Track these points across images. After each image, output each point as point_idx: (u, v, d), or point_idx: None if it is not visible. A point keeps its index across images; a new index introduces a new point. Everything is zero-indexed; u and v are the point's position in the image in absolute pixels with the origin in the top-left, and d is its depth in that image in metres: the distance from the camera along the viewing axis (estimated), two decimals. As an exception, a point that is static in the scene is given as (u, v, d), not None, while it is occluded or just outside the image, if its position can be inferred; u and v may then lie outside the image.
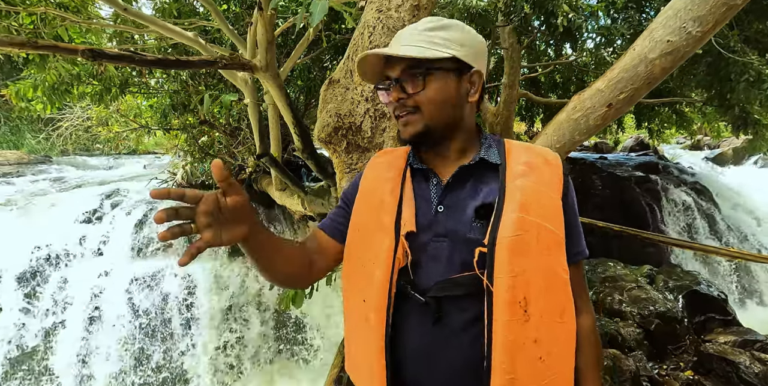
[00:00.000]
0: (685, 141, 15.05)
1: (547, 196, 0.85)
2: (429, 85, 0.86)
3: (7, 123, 11.25)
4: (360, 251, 0.91)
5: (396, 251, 0.85)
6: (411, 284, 0.85)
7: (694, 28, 1.38)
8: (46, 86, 3.87)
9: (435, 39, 0.87)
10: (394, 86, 0.89)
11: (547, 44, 6.59)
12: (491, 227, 0.81)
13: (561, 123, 1.62)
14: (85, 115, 7.06)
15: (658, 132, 7.45)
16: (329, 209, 2.88)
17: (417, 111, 0.88)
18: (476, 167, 0.89)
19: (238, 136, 4.93)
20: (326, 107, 1.68)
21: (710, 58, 4.41)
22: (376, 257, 0.86)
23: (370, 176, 0.99)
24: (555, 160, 0.92)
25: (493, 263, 0.78)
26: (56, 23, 3.35)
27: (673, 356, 3.25)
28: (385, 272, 0.84)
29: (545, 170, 0.89)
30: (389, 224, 0.87)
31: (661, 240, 2.65)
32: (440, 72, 0.87)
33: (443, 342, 0.81)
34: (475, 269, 0.80)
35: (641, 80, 1.47)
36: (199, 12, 4.30)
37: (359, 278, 0.90)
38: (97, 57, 1.54)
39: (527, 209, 0.81)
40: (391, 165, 0.98)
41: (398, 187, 0.92)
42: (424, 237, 0.86)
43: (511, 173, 0.87)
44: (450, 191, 0.89)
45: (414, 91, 0.87)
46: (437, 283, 0.83)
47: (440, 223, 0.86)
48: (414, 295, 0.83)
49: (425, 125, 0.88)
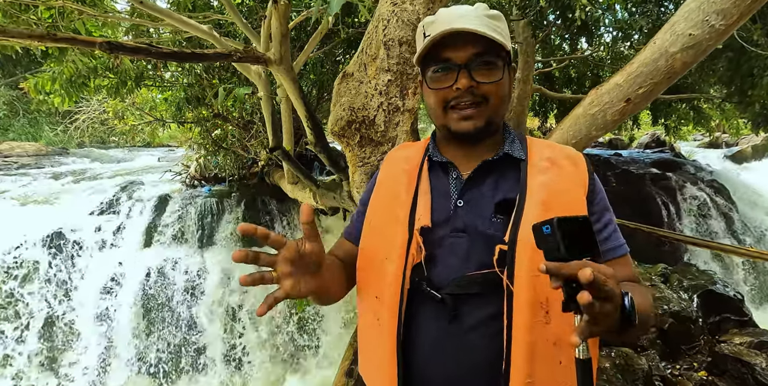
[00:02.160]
0: (703, 138, 14.76)
1: (570, 193, 0.81)
2: (503, 76, 0.81)
3: (25, 115, 11.47)
4: (373, 246, 0.88)
5: (409, 246, 0.81)
6: (426, 281, 0.81)
7: (718, 21, 1.35)
8: (64, 79, 3.93)
9: (496, 28, 0.81)
10: (463, 72, 0.80)
11: (562, 38, 6.49)
12: (512, 224, 0.77)
13: (577, 118, 1.59)
14: (102, 108, 7.16)
15: (675, 129, 7.32)
16: (341, 203, 2.89)
17: (483, 103, 0.81)
18: (498, 161, 0.85)
19: (251, 129, 4.95)
20: (340, 101, 1.68)
21: (731, 53, 4.30)
22: (388, 253, 0.83)
23: (387, 170, 0.96)
24: (578, 157, 0.87)
25: (513, 261, 0.75)
26: (74, 17, 3.39)
27: (687, 356, 3.20)
28: (397, 267, 0.81)
29: (568, 167, 0.85)
30: (403, 218, 0.84)
31: (677, 238, 2.61)
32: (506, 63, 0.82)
33: (458, 340, 0.78)
34: (495, 267, 0.77)
35: (661, 75, 1.44)
36: (213, 5, 4.32)
37: (372, 273, 0.86)
38: (114, 49, 1.55)
39: (549, 206, 0.77)
40: (409, 158, 0.93)
41: (414, 180, 0.88)
42: (440, 232, 0.82)
43: (534, 169, 0.83)
44: (471, 186, 0.85)
45: (488, 80, 0.80)
46: (454, 280, 0.79)
47: (459, 217, 0.82)
48: (429, 292, 0.80)
49: (489, 120, 0.83)
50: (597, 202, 0.84)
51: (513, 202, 0.80)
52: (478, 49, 0.79)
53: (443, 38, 0.79)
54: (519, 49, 5.39)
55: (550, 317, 0.73)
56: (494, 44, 0.79)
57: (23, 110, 11.42)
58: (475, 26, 0.77)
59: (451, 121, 0.84)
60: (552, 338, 0.73)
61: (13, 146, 9.10)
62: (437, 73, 0.83)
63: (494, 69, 0.80)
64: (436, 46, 0.81)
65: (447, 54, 0.81)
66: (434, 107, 0.85)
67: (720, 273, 5.43)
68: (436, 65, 0.83)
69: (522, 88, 5.42)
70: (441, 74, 0.82)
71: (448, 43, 0.80)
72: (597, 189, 0.85)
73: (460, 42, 0.79)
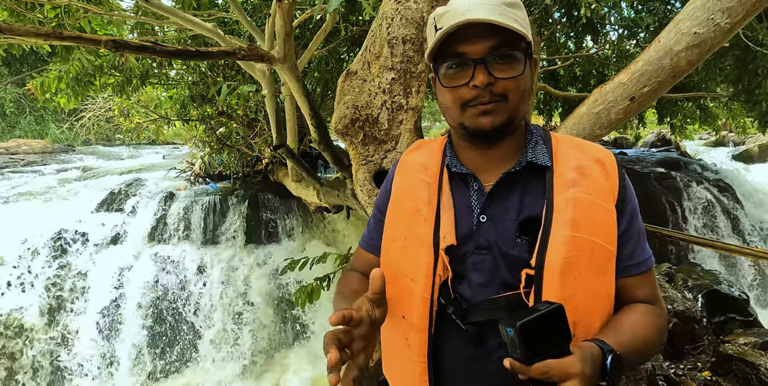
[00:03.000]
0: (709, 137, 14.64)
1: (602, 209, 0.75)
2: (524, 70, 0.74)
3: (32, 113, 11.56)
4: (397, 264, 0.83)
5: (436, 267, 0.77)
6: (452, 304, 0.77)
7: (723, 19, 1.34)
8: (70, 78, 3.95)
9: (515, 16, 0.73)
10: (479, 68, 0.72)
11: (567, 36, 6.45)
12: (539, 246, 0.72)
13: (581, 116, 1.59)
14: (107, 106, 7.20)
15: (680, 128, 7.26)
16: (344, 201, 2.90)
17: (503, 100, 0.74)
18: (521, 171, 0.78)
19: (255, 127, 4.97)
20: (343, 99, 1.68)
21: (738, 52, 4.27)
22: (414, 273, 0.79)
23: (403, 179, 0.89)
24: (610, 161, 0.80)
25: (541, 287, 0.71)
26: (79, 15, 3.41)
27: (691, 356, 3.19)
28: (425, 290, 0.77)
29: (599, 175, 0.77)
30: (427, 237, 0.79)
31: (683, 238, 2.60)
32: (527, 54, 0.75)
33: (485, 362, 0.76)
34: (521, 291, 0.73)
35: (666, 73, 1.44)
36: (217, 3, 4.33)
37: (397, 291, 0.82)
38: (119, 47, 1.56)
39: (579, 226, 0.72)
40: (426, 167, 0.87)
41: (435, 193, 0.82)
42: (463, 248, 0.78)
43: (561, 182, 0.76)
44: (494, 200, 0.79)
45: (508, 76, 0.73)
46: (480, 303, 0.76)
47: (482, 234, 0.77)
48: (455, 320, 0.77)
49: (509, 117, 0.76)
50: (626, 212, 0.78)
51: (538, 220, 0.75)
52: (495, 42, 0.72)
53: (457, 31, 0.71)
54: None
55: (576, 341, 0.70)
56: (513, 35, 0.72)
57: (30, 107, 11.51)
58: (493, 16, 0.70)
59: (467, 118, 0.77)
60: None
61: (19, 143, 9.18)
62: (451, 69, 0.76)
63: (514, 63, 0.73)
64: (449, 40, 0.74)
65: (461, 48, 0.73)
66: (449, 106, 0.78)
67: (725, 273, 5.40)
68: (449, 61, 0.75)
69: (526, 87, 5.38)
70: (455, 71, 0.75)
71: (462, 37, 0.72)
72: (627, 197, 0.79)
73: (476, 34, 0.71)
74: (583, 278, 0.71)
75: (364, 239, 0.97)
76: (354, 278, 0.95)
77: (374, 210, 0.96)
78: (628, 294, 0.79)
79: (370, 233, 0.96)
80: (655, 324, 0.77)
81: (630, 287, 0.79)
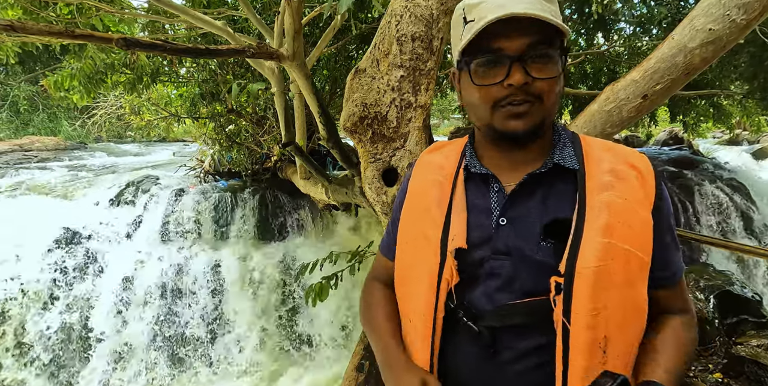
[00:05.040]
0: (722, 136, 14.42)
1: (638, 215, 0.70)
2: (561, 70, 0.69)
3: (45, 111, 11.72)
4: (406, 267, 0.80)
5: (442, 270, 0.73)
6: (462, 308, 0.73)
7: (739, 15, 1.31)
8: (83, 75, 4.00)
9: (551, 12, 0.67)
10: (516, 66, 0.67)
11: (578, 33, 6.38)
12: (569, 251, 0.68)
13: (593, 114, 1.57)
14: (119, 103, 7.28)
15: (693, 126, 7.16)
16: (353, 199, 2.90)
17: (537, 102, 0.69)
18: (547, 173, 0.74)
19: (264, 125, 4.98)
20: (352, 97, 1.68)
21: (753, 49, 4.19)
22: (420, 275, 0.76)
23: (418, 179, 0.85)
24: (645, 165, 0.75)
25: (570, 296, 0.66)
26: (91, 13, 3.45)
27: (702, 357, 3.16)
28: (429, 293, 0.74)
29: (634, 179, 0.72)
30: (434, 238, 0.75)
31: (695, 238, 2.56)
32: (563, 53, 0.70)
33: (498, 370, 0.73)
34: (549, 300, 0.68)
35: (679, 71, 1.41)
36: (227, 2, 4.35)
37: (405, 293, 0.80)
38: (130, 46, 1.57)
39: (613, 232, 0.67)
40: (441, 167, 0.83)
41: (447, 194, 0.78)
42: (480, 253, 0.73)
43: (594, 184, 0.71)
44: (515, 201, 0.74)
45: (545, 76, 0.68)
46: (495, 309, 0.72)
47: (501, 238, 0.73)
48: (465, 323, 0.73)
49: (542, 119, 0.71)
50: (662, 220, 0.74)
51: (565, 223, 0.70)
52: (534, 38, 0.66)
53: (492, 25, 0.65)
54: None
55: (606, 357, 0.66)
56: (552, 32, 0.67)
57: (43, 105, 11.67)
58: (535, 10, 0.64)
59: (497, 119, 0.71)
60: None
61: (33, 141, 9.32)
62: (483, 66, 0.70)
63: (551, 62, 0.68)
64: (483, 34, 0.67)
65: (498, 43, 0.67)
66: (479, 105, 0.73)
67: (738, 274, 5.32)
68: (483, 57, 0.70)
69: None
70: (488, 67, 0.70)
71: (498, 31, 0.66)
72: (663, 206, 0.74)
73: (514, 29, 0.66)
74: (617, 290, 0.67)
75: (383, 242, 0.94)
76: (380, 295, 0.91)
77: (393, 217, 0.93)
78: (660, 306, 0.76)
79: (388, 237, 0.92)
80: (692, 339, 0.76)
81: (663, 299, 0.77)
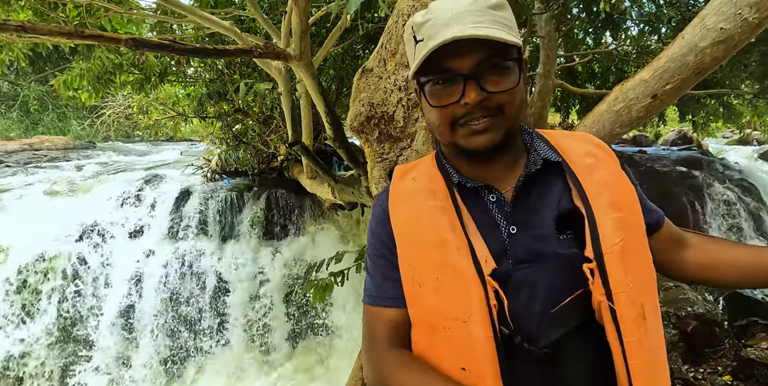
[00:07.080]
0: (732, 136, 14.26)
1: (626, 186, 0.75)
2: (519, 80, 0.68)
3: (54, 110, 11.83)
4: (436, 310, 0.70)
5: (489, 299, 0.67)
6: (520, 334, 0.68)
7: (751, 14, 1.29)
8: (91, 75, 4.04)
9: (502, 21, 0.67)
10: (470, 84, 0.66)
11: (586, 32, 6.34)
12: (591, 236, 0.67)
13: (601, 114, 1.56)
14: (127, 103, 7.34)
15: (703, 125, 7.09)
16: (359, 198, 2.90)
17: (499, 114, 0.68)
18: (539, 171, 0.74)
19: (271, 124, 5.00)
20: (359, 96, 1.68)
21: (764, 48, 4.14)
22: (465, 313, 0.67)
23: (409, 210, 0.77)
24: (600, 142, 0.81)
25: (606, 277, 0.65)
26: (100, 14, 3.48)
27: (711, 360, 3.12)
28: (485, 330, 0.66)
29: (605, 156, 0.78)
30: (467, 267, 0.68)
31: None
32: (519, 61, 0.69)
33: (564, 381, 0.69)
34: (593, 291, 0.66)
35: (690, 70, 1.40)
36: (234, 2, 4.36)
37: (446, 342, 0.70)
38: (139, 46, 1.58)
39: (620, 207, 0.70)
40: (432, 191, 0.76)
41: (456, 218, 0.72)
42: (502, 268, 0.70)
43: (581, 169, 0.73)
44: (517, 206, 0.73)
45: (501, 89, 0.67)
46: (539, 323, 0.68)
47: (519, 246, 0.70)
48: (529, 349, 0.67)
49: (507, 132, 0.70)
50: (630, 180, 0.79)
51: (574, 212, 0.70)
52: (485, 53, 0.65)
53: (447, 45, 0.64)
54: (541, 44, 5.29)
55: (648, 323, 0.66)
56: (503, 44, 0.66)
57: (52, 105, 11.78)
58: (480, 27, 0.63)
59: (460, 138, 0.71)
60: (651, 344, 0.67)
61: (42, 140, 9.41)
62: (438, 85, 0.69)
63: (506, 73, 0.67)
64: (433, 54, 0.66)
65: (449, 63, 0.67)
66: (439, 124, 0.72)
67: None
68: (435, 76, 0.69)
69: (543, 84, 5.32)
70: (442, 87, 0.69)
71: (447, 51, 0.65)
72: (625, 168, 0.80)
73: (463, 48, 0.65)
74: (638, 256, 0.70)
75: (370, 294, 0.80)
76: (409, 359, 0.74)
77: (372, 258, 0.81)
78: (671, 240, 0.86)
79: (376, 283, 0.79)
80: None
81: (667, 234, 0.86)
